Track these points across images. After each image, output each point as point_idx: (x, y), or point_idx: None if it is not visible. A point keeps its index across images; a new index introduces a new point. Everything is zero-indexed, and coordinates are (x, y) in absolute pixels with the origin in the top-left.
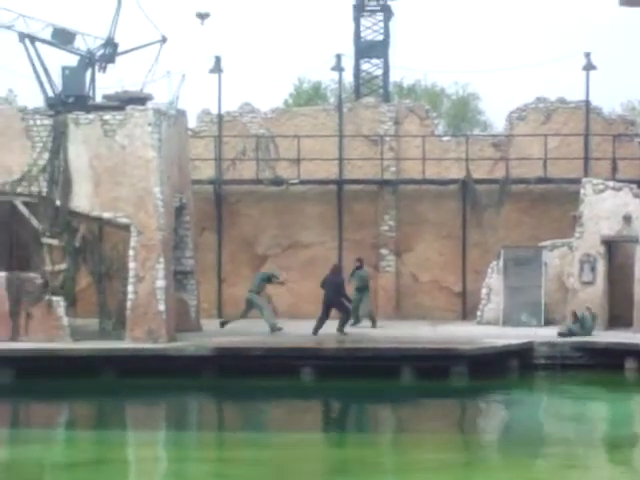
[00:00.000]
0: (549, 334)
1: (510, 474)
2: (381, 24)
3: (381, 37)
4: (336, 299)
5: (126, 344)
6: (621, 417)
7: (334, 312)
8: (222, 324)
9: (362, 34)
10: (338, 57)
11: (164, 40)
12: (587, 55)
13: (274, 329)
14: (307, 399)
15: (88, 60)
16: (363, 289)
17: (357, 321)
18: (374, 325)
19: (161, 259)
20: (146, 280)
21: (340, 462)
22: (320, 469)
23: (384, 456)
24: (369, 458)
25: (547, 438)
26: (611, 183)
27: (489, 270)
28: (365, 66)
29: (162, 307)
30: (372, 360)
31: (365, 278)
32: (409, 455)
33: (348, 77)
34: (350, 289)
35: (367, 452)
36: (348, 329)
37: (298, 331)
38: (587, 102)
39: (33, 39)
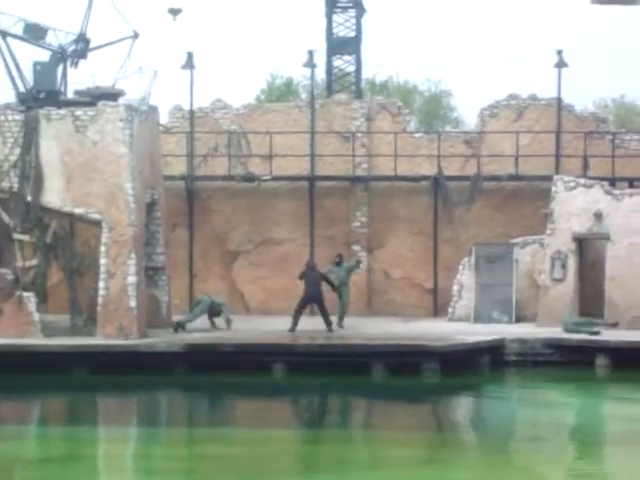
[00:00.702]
0: (520, 331)
1: (480, 471)
2: (353, 20)
3: (353, 33)
4: (318, 294)
5: (97, 340)
6: (590, 413)
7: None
8: (176, 327)
9: (334, 30)
10: (310, 53)
11: (136, 36)
12: (559, 52)
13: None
14: (278, 395)
15: (60, 55)
16: (338, 286)
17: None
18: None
19: (132, 255)
20: (117, 276)
21: (311, 458)
22: (291, 465)
23: (355, 452)
24: (340, 454)
25: (517, 434)
26: (582, 180)
27: (460, 267)
28: (337, 62)
29: (133, 303)
30: (343, 356)
31: (340, 275)
32: (380, 451)
33: (320, 73)
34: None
35: (338, 448)
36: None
37: (269, 327)
38: (559, 99)
39: (4, 34)
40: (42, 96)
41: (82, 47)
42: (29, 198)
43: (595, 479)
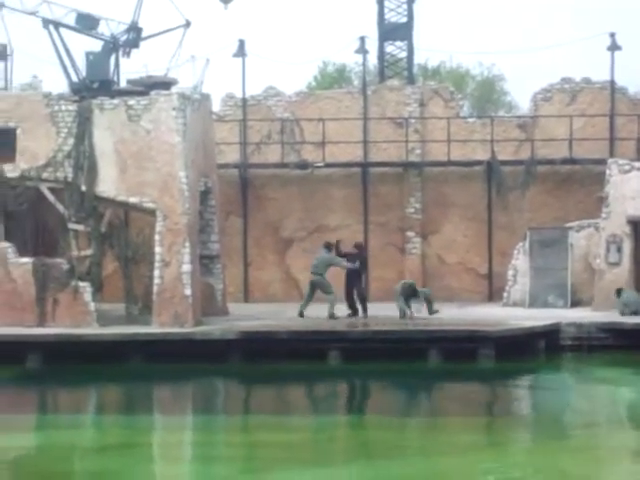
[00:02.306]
0: (576, 315)
1: (537, 456)
2: (405, 6)
3: (405, 19)
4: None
5: (153, 329)
6: None
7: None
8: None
9: (386, 16)
10: (362, 40)
11: (188, 24)
12: (612, 35)
13: (332, 316)
14: (334, 382)
15: (112, 45)
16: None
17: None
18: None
19: (187, 243)
20: (172, 265)
21: (369, 444)
22: (349, 452)
23: (412, 439)
24: (397, 440)
25: (573, 419)
26: (637, 163)
27: (515, 252)
28: (389, 48)
29: (188, 291)
30: (399, 343)
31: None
32: (436, 437)
33: (372, 59)
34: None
35: (395, 435)
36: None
37: (324, 314)
38: (612, 82)
39: (57, 25)
40: (95, 86)
41: (134, 36)
42: (83, 188)
43: None
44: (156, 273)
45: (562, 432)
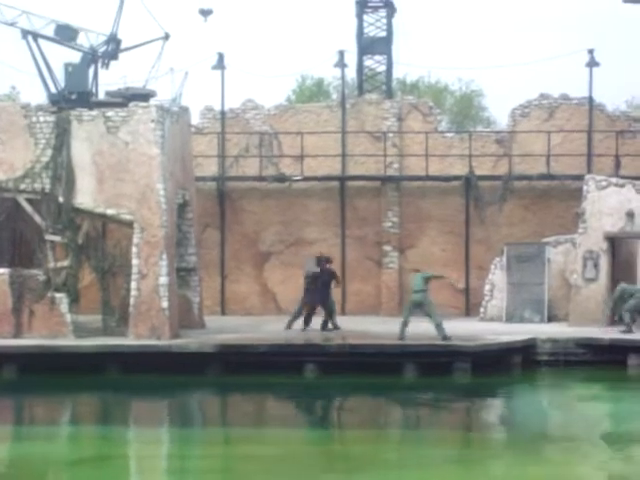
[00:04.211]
0: (552, 330)
1: (512, 469)
2: (384, 20)
3: (384, 33)
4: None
5: (129, 341)
6: (623, 414)
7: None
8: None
9: (365, 30)
10: (341, 53)
11: (167, 37)
12: (590, 52)
13: (445, 338)
14: (311, 395)
15: (91, 57)
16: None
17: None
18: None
19: (164, 256)
20: (149, 277)
21: (344, 458)
22: (324, 465)
23: (387, 452)
24: (372, 454)
25: (548, 434)
26: (614, 179)
27: (492, 266)
28: (368, 62)
29: (165, 304)
30: (375, 357)
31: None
32: (411, 451)
33: (351, 73)
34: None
35: (370, 448)
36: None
37: (301, 327)
38: (590, 99)
39: (36, 36)
40: (73, 97)
41: (113, 48)
42: (61, 199)
43: (628, 478)
44: (133, 285)
45: (536, 447)
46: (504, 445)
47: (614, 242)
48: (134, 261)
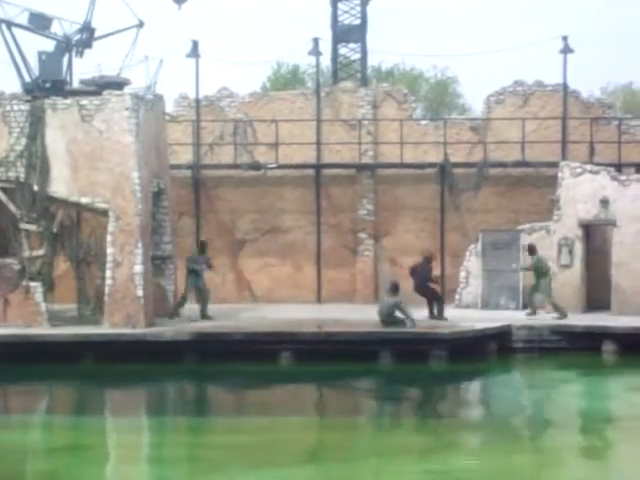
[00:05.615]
0: (527, 317)
1: (486, 456)
2: (358, 8)
3: (358, 21)
4: (423, 286)
5: (105, 329)
6: (596, 400)
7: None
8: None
9: (339, 18)
10: (315, 41)
11: (141, 25)
12: (564, 38)
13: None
14: (286, 383)
15: (65, 45)
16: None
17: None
18: (561, 315)
19: (139, 244)
20: (124, 265)
21: (318, 446)
22: (298, 453)
23: (362, 440)
24: (346, 442)
25: (523, 420)
26: (589, 166)
27: (467, 254)
28: (343, 50)
29: (140, 292)
30: (350, 344)
31: (538, 266)
32: (387, 439)
33: (326, 61)
34: None
35: (345, 436)
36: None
37: (276, 315)
38: (565, 85)
39: (9, 24)
40: (47, 86)
41: (87, 36)
42: (35, 188)
43: (603, 461)
44: (108, 274)
45: (511, 433)
46: (479, 431)
47: (589, 229)
48: (109, 250)
